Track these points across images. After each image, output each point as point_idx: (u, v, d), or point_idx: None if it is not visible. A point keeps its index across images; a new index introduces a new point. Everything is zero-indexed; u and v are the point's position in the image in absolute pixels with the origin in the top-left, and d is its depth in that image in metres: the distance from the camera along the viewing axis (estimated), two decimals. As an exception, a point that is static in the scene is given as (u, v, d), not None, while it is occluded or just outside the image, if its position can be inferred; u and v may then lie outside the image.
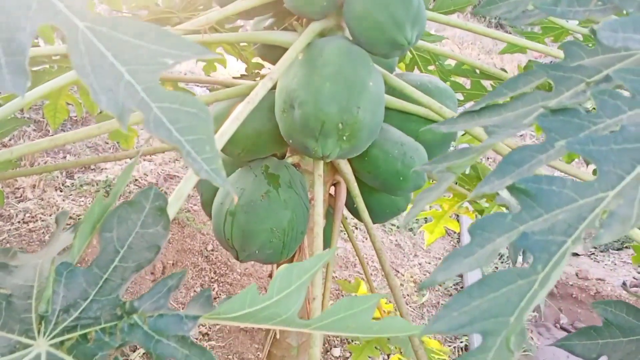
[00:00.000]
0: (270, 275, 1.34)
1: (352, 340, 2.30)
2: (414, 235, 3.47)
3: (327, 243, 1.25)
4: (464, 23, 1.25)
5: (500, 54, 1.76)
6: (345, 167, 1.18)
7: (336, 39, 1.03)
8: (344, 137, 0.97)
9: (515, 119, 0.53)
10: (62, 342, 0.48)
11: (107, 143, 2.89)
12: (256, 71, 1.75)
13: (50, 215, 2.53)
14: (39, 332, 0.49)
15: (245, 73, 1.76)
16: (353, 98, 0.95)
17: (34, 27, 0.37)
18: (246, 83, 1.17)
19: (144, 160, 2.94)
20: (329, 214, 1.28)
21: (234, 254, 1.10)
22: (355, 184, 1.17)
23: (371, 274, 2.93)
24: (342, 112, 0.94)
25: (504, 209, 2.08)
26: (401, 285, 2.93)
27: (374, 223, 1.26)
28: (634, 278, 3.82)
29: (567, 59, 0.54)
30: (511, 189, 0.41)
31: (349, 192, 1.22)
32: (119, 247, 0.53)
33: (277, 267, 1.24)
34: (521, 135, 5.29)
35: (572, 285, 3.62)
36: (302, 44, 0.96)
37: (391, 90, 1.14)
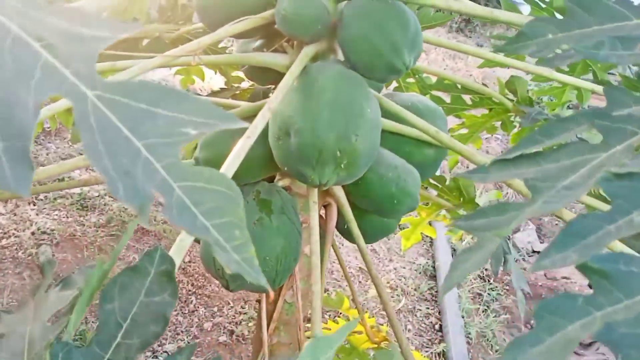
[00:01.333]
0: (259, 301, 1.29)
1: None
2: (388, 239, 3.46)
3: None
4: (445, 40, 1.23)
5: (479, 67, 1.75)
6: (338, 190, 1.14)
7: (332, 64, 0.98)
8: (342, 165, 0.93)
9: (558, 172, 0.49)
10: None
11: (82, 153, 2.78)
12: (236, 85, 1.69)
13: (23, 231, 2.42)
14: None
15: (225, 87, 1.70)
16: (351, 125, 0.91)
17: (38, 101, 0.31)
18: (239, 105, 1.11)
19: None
20: (320, 237, 1.24)
21: (223, 284, 1.05)
22: (349, 208, 1.13)
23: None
24: (340, 140, 0.90)
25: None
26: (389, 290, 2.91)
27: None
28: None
29: (610, 106, 0.50)
30: (583, 267, 0.37)
31: (339, 215, 1.18)
32: (121, 320, 0.47)
33: (266, 296, 1.19)
34: (486, 138, 5.30)
35: (541, 285, 3.67)
36: (298, 69, 0.91)
37: (384, 112, 1.11)
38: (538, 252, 4.44)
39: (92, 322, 2.19)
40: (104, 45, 0.35)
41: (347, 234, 1.24)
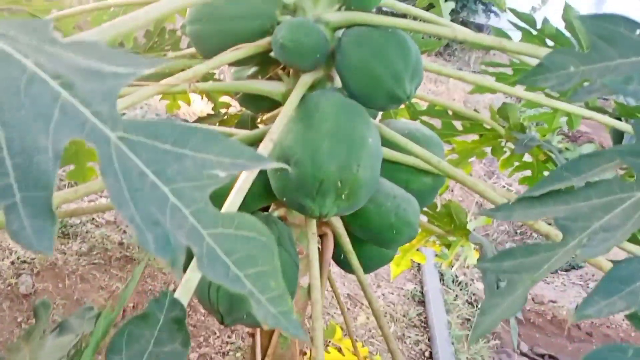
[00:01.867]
0: (252, 335, 1.25)
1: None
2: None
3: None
4: (442, 67, 1.22)
5: (471, 93, 1.75)
6: (335, 220, 1.12)
7: (330, 92, 0.97)
8: (343, 196, 0.91)
9: (590, 212, 0.47)
10: None
11: (62, 180, 2.71)
12: (224, 110, 1.67)
13: (2, 260, 2.33)
14: None
15: (212, 112, 1.67)
16: (353, 155, 0.89)
17: (59, 146, 0.28)
18: (237, 134, 1.08)
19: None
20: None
21: (218, 318, 1.02)
22: (348, 239, 1.10)
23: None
24: (341, 170, 0.88)
25: (472, 246, 2.07)
26: (367, 318, 2.86)
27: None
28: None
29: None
30: (631, 317, 0.35)
31: (336, 244, 1.15)
32: (130, 373, 0.44)
33: (261, 330, 1.16)
34: (470, 161, 5.33)
35: (529, 310, 3.66)
36: (298, 98, 0.89)
37: (382, 140, 1.09)
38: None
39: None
40: (126, 83, 0.32)
41: (344, 265, 1.21)
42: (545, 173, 1.71)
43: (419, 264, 3.51)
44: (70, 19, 1.33)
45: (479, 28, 10.48)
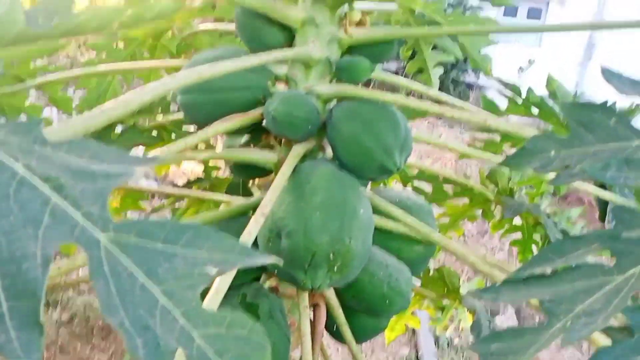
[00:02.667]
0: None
1: None
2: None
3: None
4: (434, 138, 1.24)
5: (459, 159, 1.78)
6: (328, 291, 1.10)
7: (322, 163, 0.98)
8: (335, 268, 0.90)
9: (573, 295, 0.47)
10: None
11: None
12: (215, 174, 1.68)
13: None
14: None
15: (202, 177, 1.68)
16: (345, 227, 0.89)
17: (49, 252, 0.28)
18: (230, 201, 1.09)
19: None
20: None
21: None
22: (341, 310, 1.09)
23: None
24: (333, 242, 0.88)
25: (467, 309, 2.05)
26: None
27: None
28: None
29: (618, 227, 0.50)
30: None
31: (329, 315, 1.14)
32: None
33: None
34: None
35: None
36: (290, 169, 0.90)
37: (373, 209, 1.10)
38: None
39: None
40: (117, 183, 0.32)
41: (337, 336, 1.19)
42: (536, 235, 1.73)
43: (413, 329, 3.46)
44: (58, 84, 1.34)
45: (468, 87, 10.77)
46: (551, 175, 1.74)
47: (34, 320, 0.26)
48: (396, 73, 1.57)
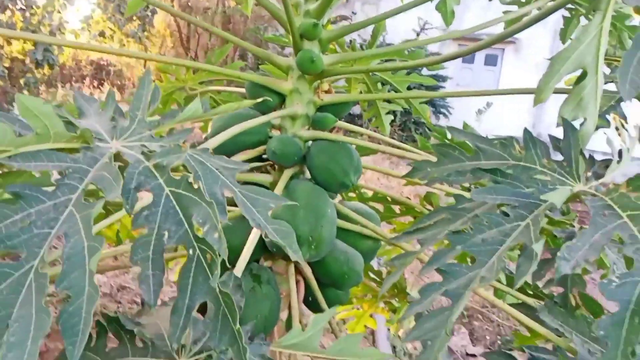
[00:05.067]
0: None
1: None
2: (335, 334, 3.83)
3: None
4: (378, 167, 1.78)
5: (405, 185, 2.31)
6: (306, 268, 1.61)
7: (303, 181, 1.51)
8: (312, 247, 1.41)
9: (433, 236, 1.00)
10: (195, 360, 0.86)
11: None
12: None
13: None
14: (179, 355, 0.86)
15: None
16: (318, 221, 1.40)
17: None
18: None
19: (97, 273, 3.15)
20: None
21: None
22: (315, 282, 1.59)
23: None
24: (311, 230, 1.39)
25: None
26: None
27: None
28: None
29: (456, 204, 1.03)
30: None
31: (307, 287, 1.64)
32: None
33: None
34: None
35: None
36: (283, 184, 1.43)
37: (337, 214, 1.62)
38: (472, 355, 4.90)
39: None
40: (233, 174, 0.84)
41: (312, 305, 1.68)
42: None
43: (373, 336, 3.94)
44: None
45: (429, 128, 11.52)
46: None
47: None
48: (360, 115, 2.11)
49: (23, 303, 0.59)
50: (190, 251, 0.70)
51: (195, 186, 0.73)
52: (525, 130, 0.94)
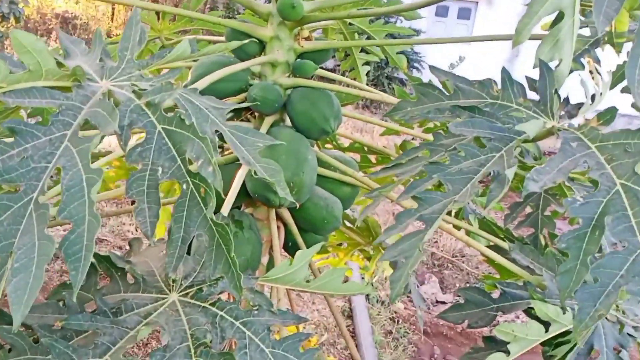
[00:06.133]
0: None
1: None
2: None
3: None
4: (357, 114, 1.81)
5: (381, 135, 2.35)
6: (286, 214, 1.65)
7: (284, 128, 1.53)
8: (293, 192, 1.45)
9: (410, 171, 1.04)
10: (186, 294, 0.89)
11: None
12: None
13: None
14: (170, 290, 0.90)
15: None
16: (299, 167, 1.44)
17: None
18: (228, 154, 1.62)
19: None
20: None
21: None
22: (295, 227, 1.64)
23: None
24: (292, 175, 1.42)
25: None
26: (303, 327, 3.36)
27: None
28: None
29: (435, 140, 1.07)
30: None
31: (287, 233, 1.68)
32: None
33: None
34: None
35: (442, 325, 4.26)
36: (264, 131, 1.44)
37: (318, 161, 1.65)
38: (442, 302, 5.10)
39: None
40: (224, 112, 0.86)
41: (291, 250, 1.73)
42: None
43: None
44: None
45: (401, 82, 11.56)
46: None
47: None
48: (333, 70, 2.12)
49: (24, 232, 0.61)
50: (184, 186, 0.73)
51: (187, 123, 0.75)
52: (503, 70, 0.98)
